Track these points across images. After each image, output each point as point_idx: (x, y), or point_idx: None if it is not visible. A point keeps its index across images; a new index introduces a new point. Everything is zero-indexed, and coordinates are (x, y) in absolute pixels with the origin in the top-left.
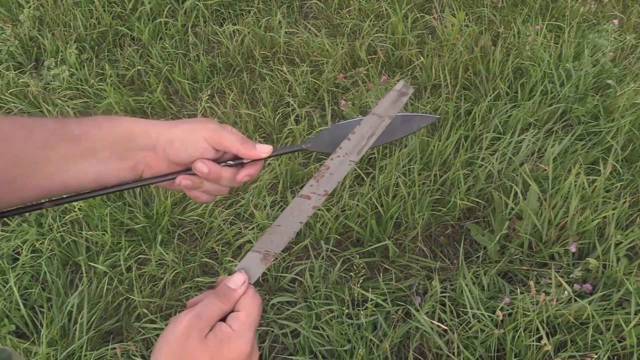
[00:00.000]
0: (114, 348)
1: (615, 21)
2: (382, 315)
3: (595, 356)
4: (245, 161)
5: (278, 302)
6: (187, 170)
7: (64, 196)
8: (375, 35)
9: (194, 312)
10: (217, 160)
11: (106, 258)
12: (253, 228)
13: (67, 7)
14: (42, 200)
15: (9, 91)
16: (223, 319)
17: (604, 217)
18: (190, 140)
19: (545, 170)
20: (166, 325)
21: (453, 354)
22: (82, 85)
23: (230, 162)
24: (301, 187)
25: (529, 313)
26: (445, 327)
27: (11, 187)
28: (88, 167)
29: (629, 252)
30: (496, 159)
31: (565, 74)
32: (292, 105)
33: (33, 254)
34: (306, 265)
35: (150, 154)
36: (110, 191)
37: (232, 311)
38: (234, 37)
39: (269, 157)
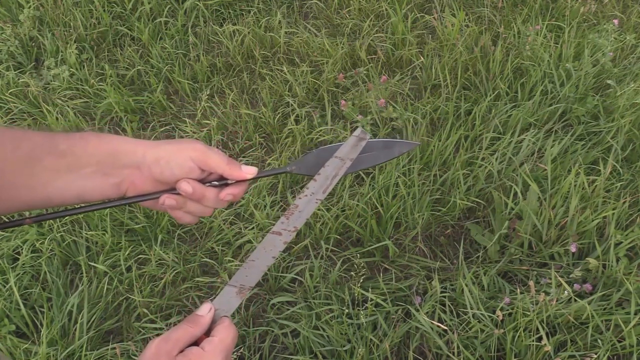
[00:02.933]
0: (114, 348)
1: (615, 21)
2: (382, 315)
3: (595, 356)
4: (229, 182)
5: (278, 302)
6: (172, 189)
7: (46, 213)
8: (375, 35)
9: (161, 336)
10: (202, 181)
11: (106, 258)
12: (253, 228)
13: (67, 7)
14: (23, 217)
15: (9, 91)
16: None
17: (604, 217)
18: (176, 160)
19: (545, 170)
20: (166, 325)
21: (453, 354)
22: (82, 85)
23: (215, 183)
24: (301, 187)
25: (528, 313)
26: (445, 327)
27: None
28: (72, 182)
29: (629, 252)
30: (496, 159)
31: (565, 74)
32: (292, 105)
33: (33, 254)
34: (306, 265)
35: (135, 172)
36: (92, 209)
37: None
38: (234, 37)
39: (254, 178)
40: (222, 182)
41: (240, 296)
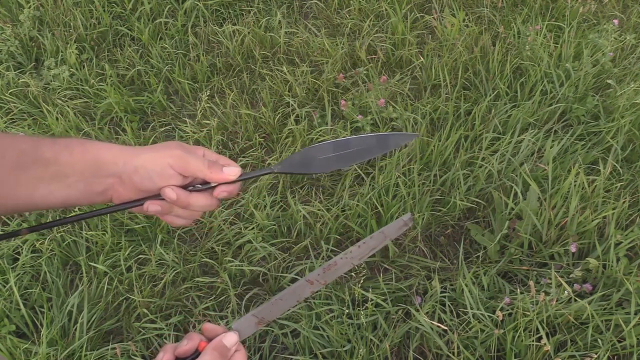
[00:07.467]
0: (114, 348)
1: (615, 21)
2: (382, 315)
3: (595, 356)
4: (214, 185)
5: None
6: (157, 195)
7: (40, 224)
8: (375, 35)
9: None
10: (187, 185)
11: (106, 258)
12: (253, 228)
13: (67, 7)
14: (19, 228)
15: (9, 91)
16: None
17: (604, 217)
18: (155, 168)
19: (545, 170)
20: (166, 325)
21: (453, 354)
22: (82, 85)
23: (199, 187)
24: (301, 187)
25: (528, 313)
26: (445, 327)
27: None
28: (56, 190)
29: (629, 252)
30: (496, 159)
31: (564, 74)
32: (292, 105)
33: (33, 254)
34: (306, 265)
35: (117, 181)
36: (80, 218)
37: None
38: (234, 37)
39: (238, 180)
40: (207, 185)
41: (258, 326)
